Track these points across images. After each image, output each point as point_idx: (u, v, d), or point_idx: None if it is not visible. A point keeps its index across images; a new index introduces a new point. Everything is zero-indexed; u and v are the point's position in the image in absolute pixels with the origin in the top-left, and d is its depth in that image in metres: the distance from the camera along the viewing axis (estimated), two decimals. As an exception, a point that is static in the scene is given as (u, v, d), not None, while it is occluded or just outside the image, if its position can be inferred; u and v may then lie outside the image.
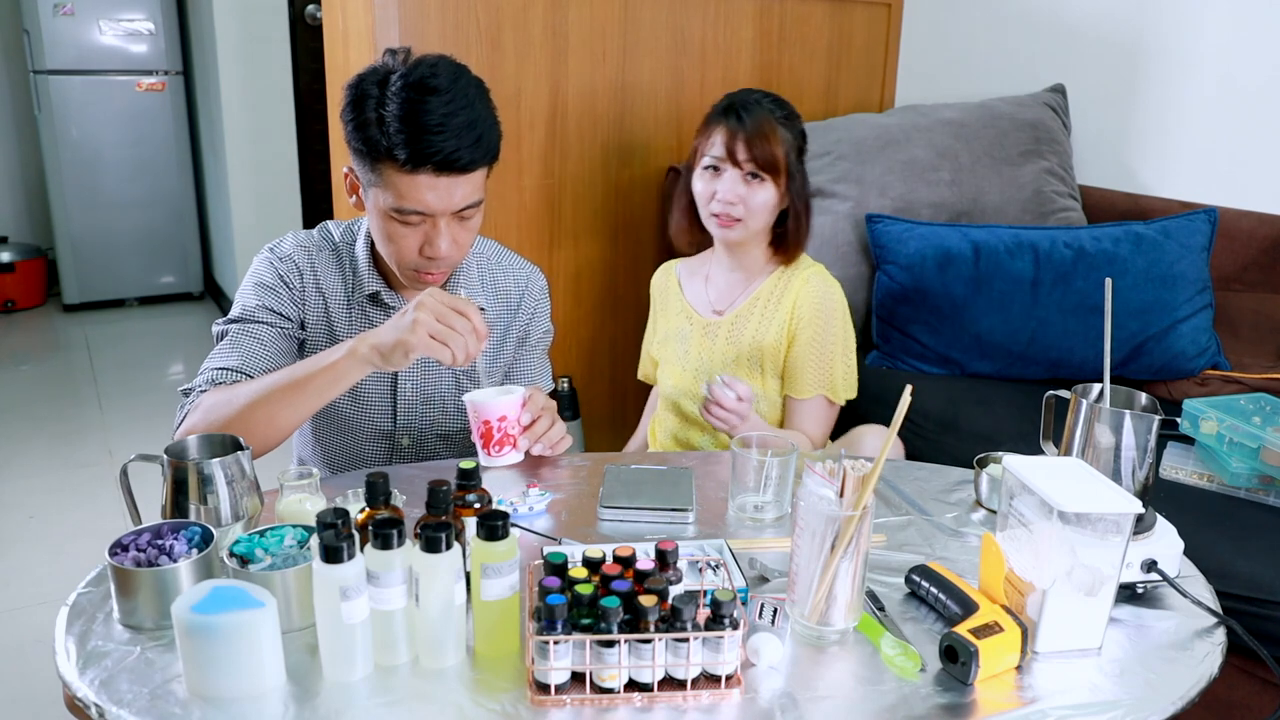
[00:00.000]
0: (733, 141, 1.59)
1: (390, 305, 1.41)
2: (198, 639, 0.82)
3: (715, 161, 1.61)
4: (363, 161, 1.26)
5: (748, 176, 1.59)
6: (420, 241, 1.29)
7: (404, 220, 1.27)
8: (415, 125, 1.19)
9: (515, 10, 1.99)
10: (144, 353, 4.09)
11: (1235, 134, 2.09)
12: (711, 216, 1.63)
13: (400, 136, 1.20)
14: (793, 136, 1.62)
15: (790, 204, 1.64)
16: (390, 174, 1.23)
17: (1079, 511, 0.89)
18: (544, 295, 1.54)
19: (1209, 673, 0.92)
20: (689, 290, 1.79)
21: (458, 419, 1.47)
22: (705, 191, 1.63)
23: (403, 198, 1.24)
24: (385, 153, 1.21)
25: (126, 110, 4.35)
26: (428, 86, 1.20)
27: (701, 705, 0.85)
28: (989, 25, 2.51)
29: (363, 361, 1.17)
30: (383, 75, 1.23)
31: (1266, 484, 1.51)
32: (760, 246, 1.69)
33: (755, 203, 1.60)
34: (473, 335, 1.14)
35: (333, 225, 1.45)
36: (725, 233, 1.64)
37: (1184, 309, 1.91)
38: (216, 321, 1.37)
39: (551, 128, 2.11)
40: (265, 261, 1.39)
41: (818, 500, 0.94)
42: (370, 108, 1.22)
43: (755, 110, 1.60)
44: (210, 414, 1.21)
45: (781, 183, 1.61)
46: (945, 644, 0.90)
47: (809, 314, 1.64)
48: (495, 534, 0.88)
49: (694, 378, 1.72)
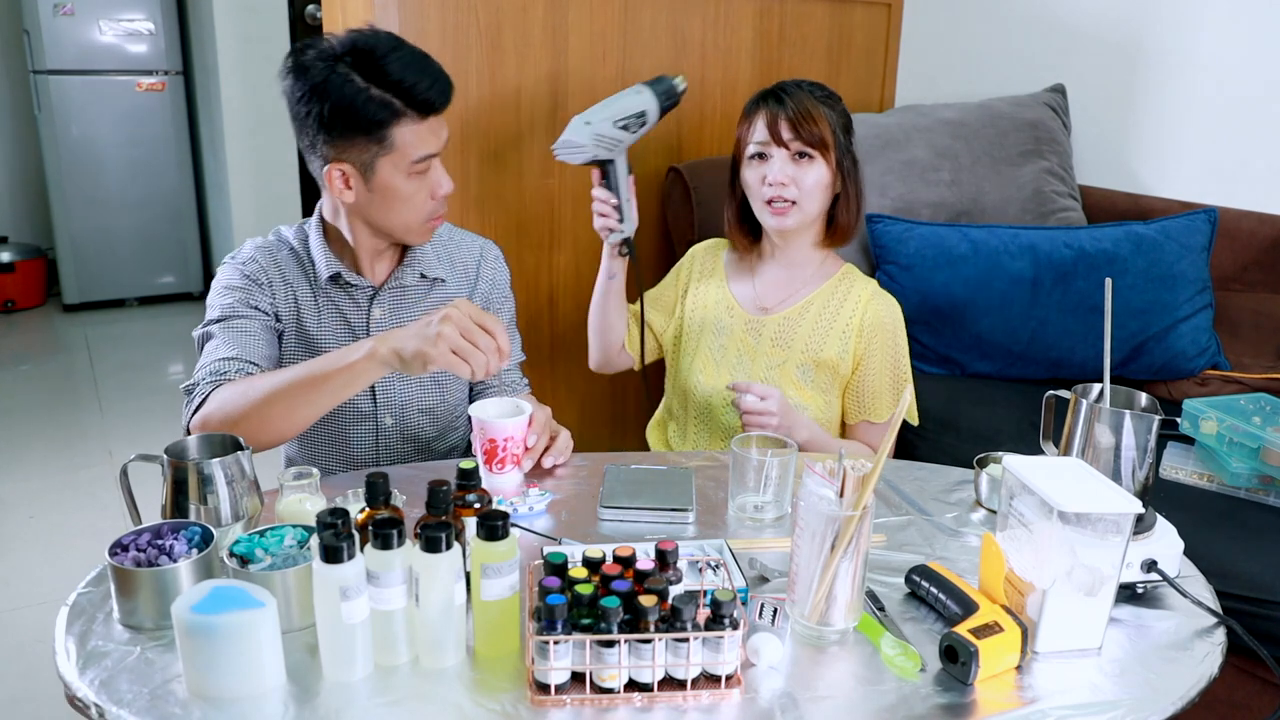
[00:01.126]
0: (775, 123, 1.52)
1: (352, 284, 1.43)
2: (198, 639, 0.82)
3: (760, 147, 1.54)
4: (363, 141, 1.29)
5: (796, 156, 1.53)
6: (429, 187, 1.36)
7: (420, 171, 1.33)
8: (413, 77, 1.27)
9: (515, 10, 1.99)
10: (144, 353, 4.10)
11: (1235, 134, 2.09)
12: (765, 205, 1.55)
13: (408, 92, 1.27)
14: (837, 115, 1.56)
15: (842, 185, 1.57)
16: (403, 132, 1.29)
17: (1079, 511, 0.89)
18: (500, 263, 1.57)
19: (1209, 673, 0.92)
20: (733, 281, 1.69)
21: (436, 393, 1.50)
22: (755, 179, 1.56)
23: (417, 147, 1.31)
24: (397, 112, 1.28)
25: (126, 110, 4.35)
26: (388, 44, 1.28)
27: (701, 705, 0.85)
28: (989, 25, 2.51)
29: (381, 364, 1.17)
30: (330, 58, 1.27)
31: (1266, 484, 1.51)
32: (813, 236, 1.61)
33: (808, 183, 1.53)
34: (495, 353, 1.13)
35: (284, 228, 1.48)
36: (780, 221, 1.55)
37: (1184, 309, 1.91)
38: (196, 328, 1.37)
39: (551, 128, 2.11)
40: (230, 268, 1.41)
41: (818, 500, 0.94)
42: (351, 88, 1.25)
43: (795, 92, 1.54)
44: (227, 405, 1.22)
45: (832, 159, 1.53)
46: (945, 644, 0.90)
47: (881, 336, 1.59)
48: (495, 534, 0.88)
49: (731, 377, 1.63)
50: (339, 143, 1.29)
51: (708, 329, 1.67)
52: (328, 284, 1.42)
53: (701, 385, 1.66)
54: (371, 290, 1.44)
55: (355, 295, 1.44)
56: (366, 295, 1.44)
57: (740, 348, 1.64)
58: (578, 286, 2.26)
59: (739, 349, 1.64)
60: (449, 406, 1.52)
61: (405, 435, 1.49)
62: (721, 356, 1.65)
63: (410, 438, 1.50)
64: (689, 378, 1.68)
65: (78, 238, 4.39)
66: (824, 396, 1.62)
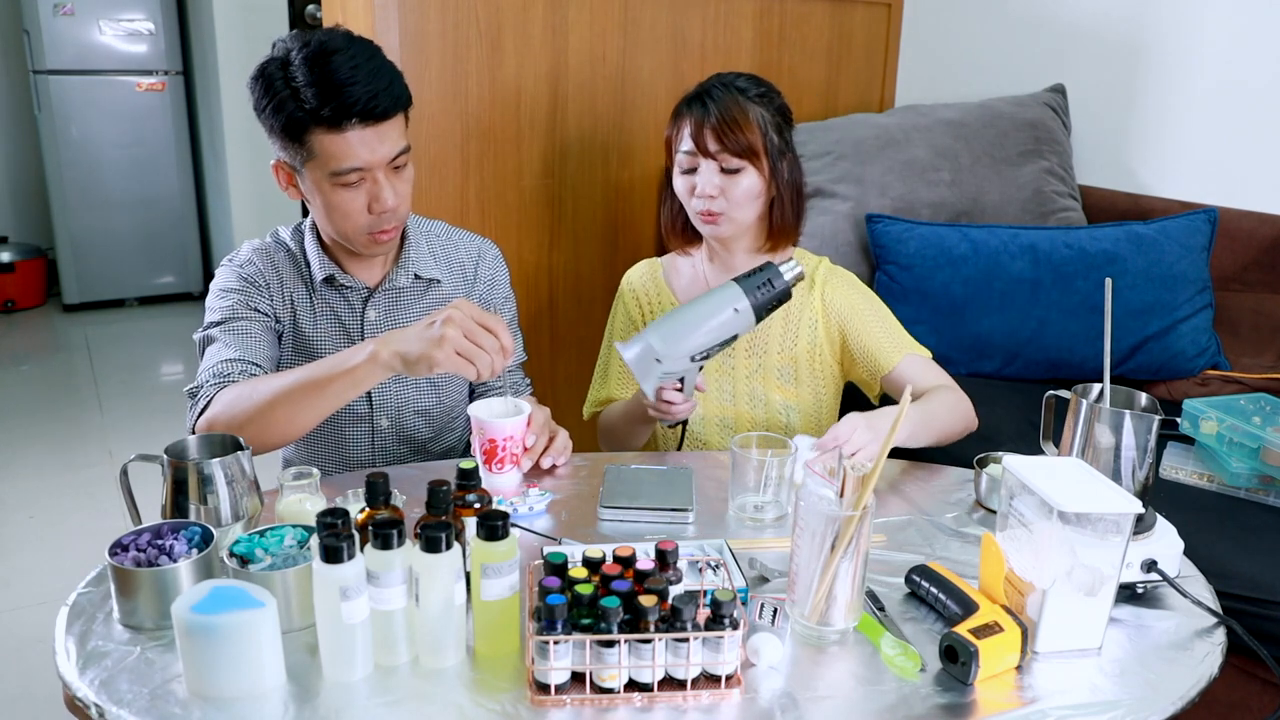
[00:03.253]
0: (700, 132, 1.46)
1: (346, 286, 1.42)
2: (198, 639, 0.82)
3: (688, 159, 1.49)
4: (289, 142, 1.28)
5: (722, 167, 1.47)
6: (366, 201, 1.31)
7: (345, 183, 1.28)
8: (329, 84, 1.22)
9: (515, 10, 1.99)
10: (144, 353, 4.10)
11: (1235, 134, 2.09)
12: (697, 214, 1.51)
13: (318, 97, 1.22)
14: (770, 114, 1.48)
15: (776, 190, 1.51)
16: (320, 140, 1.25)
17: (1079, 511, 0.89)
18: (499, 262, 1.55)
19: (1209, 673, 0.92)
20: (683, 297, 1.63)
21: (432, 395, 1.49)
22: (684, 188, 1.51)
23: (337, 159, 1.26)
24: (309, 118, 1.24)
25: (126, 110, 4.35)
26: (328, 49, 1.24)
27: (701, 705, 0.85)
28: (989, 25, 2.51)
29: (384, 367, 1.16)
30: (281, 57, 1.26)
31: (1266, 484, 1.51)
32: (751, 241, 1.57)
33: (736, 193, 1.47)
34: (499, 353, 1.13)
35: (281, 229, 1.47)
36: (714, 229, 1.52)
37: (1184, 309, 1.91)
38: (196, 331, 1.37)
39: (551, 128, 2.11)
40: (228, 270, 1.41)
41: (818, 500, 0.94)
42: (280, 86, 1.24)
43: (722, 94, 1.47)
44: (231, 408, 1.22)
45: (764, 166, 1.47)
46: (945, 644, 0.90)
47: (847, 300, 1.55)
48: (495, 534, 0.88)
49: (718, 402, 1.59)
50: (274, 139, 1.30)
51: None
52: (322, 286, 1.42)
53: (691, 418, 1.60)
54: (365, 292, 1.44)
55: (349, 297, 1.43)
56: (360, 297, 1.44)
57: (717, 367, 1.59)
58: (577, 286, 2.27)
59: (716, 368, 1.59)
60: (445, 408, 1.52)
61: (401, 437, 1.49)
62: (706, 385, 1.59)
63: (406, 439, 1.50)
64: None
65: (78, 238, 4.40)
66: (811, 390, 1.60)
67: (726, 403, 1.60)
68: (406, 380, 1.47)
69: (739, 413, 1.59)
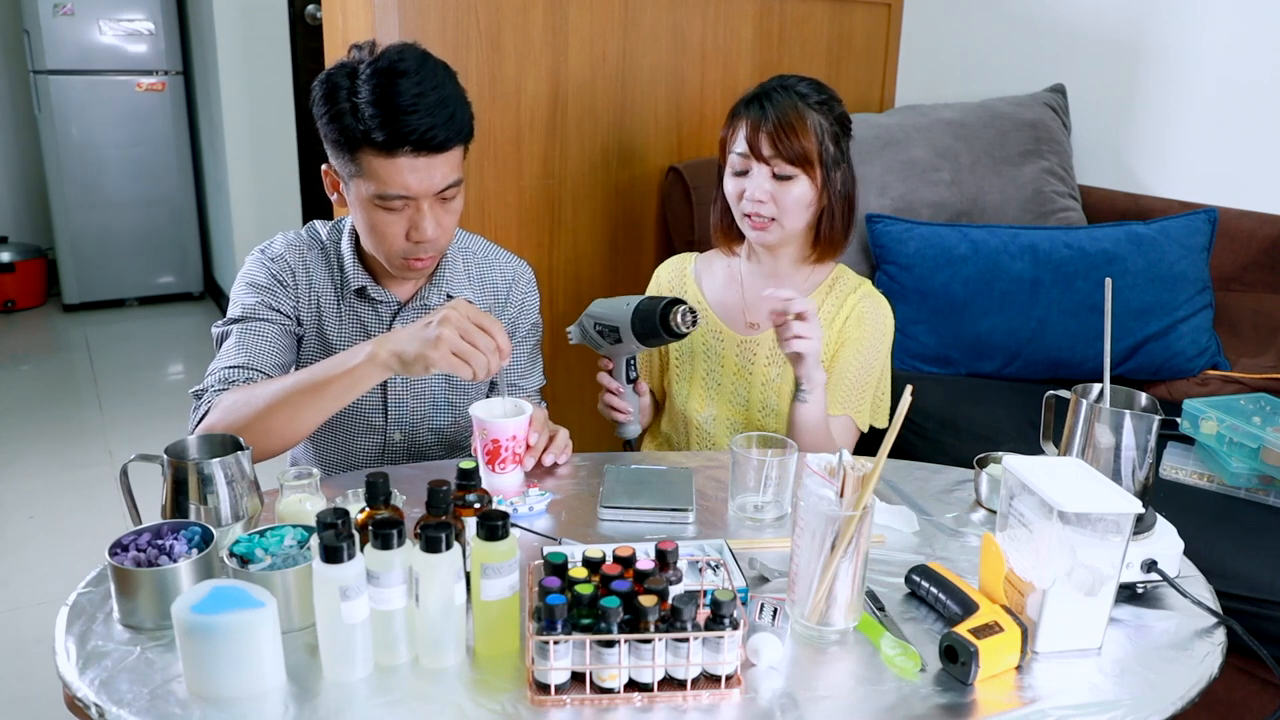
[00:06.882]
0: (756, 136, 1.44)
1: (377, 300, 1.41)
2: (198, 639, 0.82)
3: (740, 161, 1.47)
4: (341, 154, 1.27)
5: (775, 174, 1.45)
6: (406, 228, 1.29)
7: (388, 206, 1.27)
8: (389, 107, 1.20)
9: (515, 10, 1.99)
10: (144, 353, 4.10)
11: (1235, 134, 2.09)
12: (744, 218, 1.49)
13: (375, 120, 1.20)
14: (829, 122, 1.46)
15: (828, 200, 1.48)
16: (370, 161, 1.24)
17: (1079, 511, 0.89)
18: (532, 287, 1.54)
19: (1209, 673, 0.92)
20: (712, 297, 1.62)
21: (449, 414, 1.48)
22: (734, 191, 1.49)
23: (384, 183, 1.25)
24: (362, 138, 1.22)
25: (126, 110, 4.35)
26: (397, 70, 1.21)
27: (701, 705, 0.85)
28: (989, 25, 2.51)
29: (382, 368, 1.16)
30: (351, 67, 1.24)
31: (1266, 484, 1.51)
32: (797, 251, 1.54)
33: (787, 201, 1.45)
34: (495, 353, 1.13)
35: (319, 224, 1.46)
36: (760, 235, 1.49)
37: (1184, 309, 1.91)
38: (216, 324, 1.37)
39: (551, 128, 2.11)
40: (258, 262, 1.39)
41: (818, 500, 0.94)
42: (342, 98, 1.23)
43: (781, 98, 1.44)
44: (230, 413, 1.21)
45: (816, 176, 1.45)
46: (945, 644, 0.90)
47: (859, 332, 1.52)
48: (495, 534, 0.88)
49: (731, 404, 1.57)
50: (327, 145, 1.29)
51: (698, 356, 1.61)
52: (354, 296, 1.41)
53: (700, 414, 1.61)
54: (396, 306, 1.42)
55: (379, 310, 1.42)
56: (390, 310, 1.42)
57: (735, 371, 1.58)
58: (577, 286, 2.27)
59: (734, 374, 1.58)
60: (460, 429, 1.50)
61: (412, 452, 1.48)
62: (717, 383, 1.60)
63: (417, 455, 1.49)
64: (685, 404, 1.63)
65: (78, 238, 4.40)
66: None
67: (739, 407, 1.59)
68: (424, 396, 1.46)
69: (750, 418, 1.59)
